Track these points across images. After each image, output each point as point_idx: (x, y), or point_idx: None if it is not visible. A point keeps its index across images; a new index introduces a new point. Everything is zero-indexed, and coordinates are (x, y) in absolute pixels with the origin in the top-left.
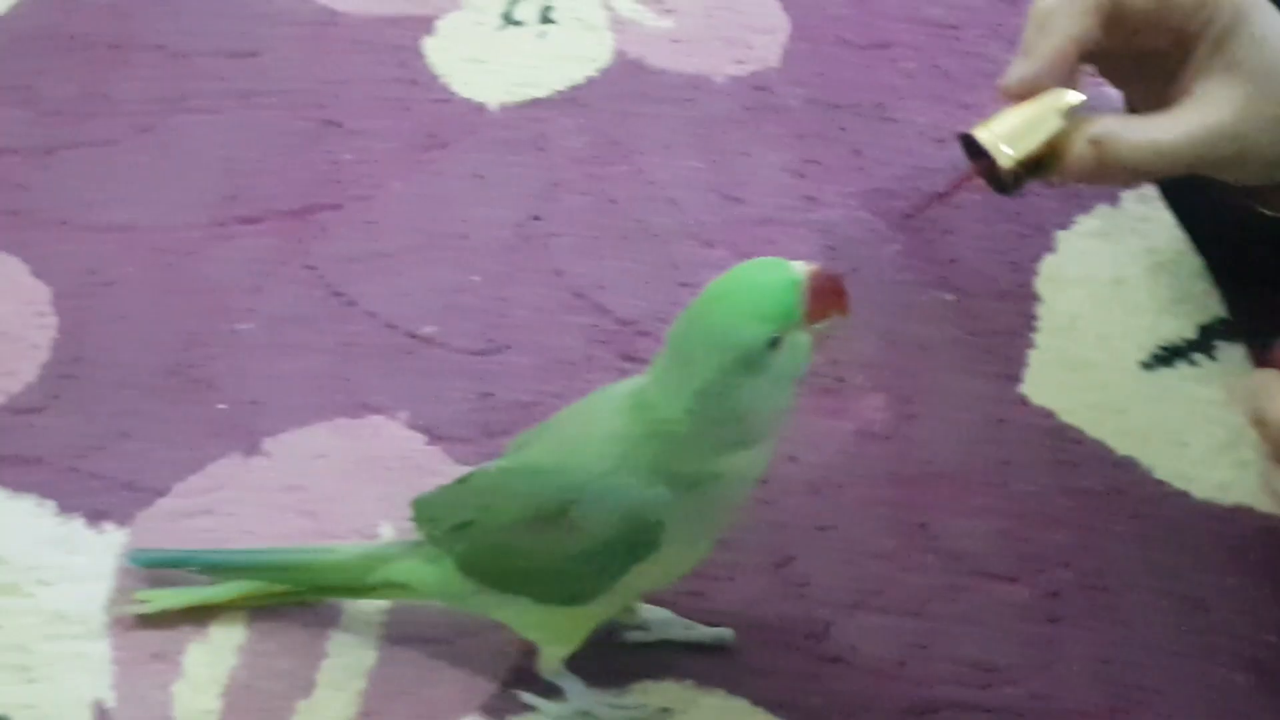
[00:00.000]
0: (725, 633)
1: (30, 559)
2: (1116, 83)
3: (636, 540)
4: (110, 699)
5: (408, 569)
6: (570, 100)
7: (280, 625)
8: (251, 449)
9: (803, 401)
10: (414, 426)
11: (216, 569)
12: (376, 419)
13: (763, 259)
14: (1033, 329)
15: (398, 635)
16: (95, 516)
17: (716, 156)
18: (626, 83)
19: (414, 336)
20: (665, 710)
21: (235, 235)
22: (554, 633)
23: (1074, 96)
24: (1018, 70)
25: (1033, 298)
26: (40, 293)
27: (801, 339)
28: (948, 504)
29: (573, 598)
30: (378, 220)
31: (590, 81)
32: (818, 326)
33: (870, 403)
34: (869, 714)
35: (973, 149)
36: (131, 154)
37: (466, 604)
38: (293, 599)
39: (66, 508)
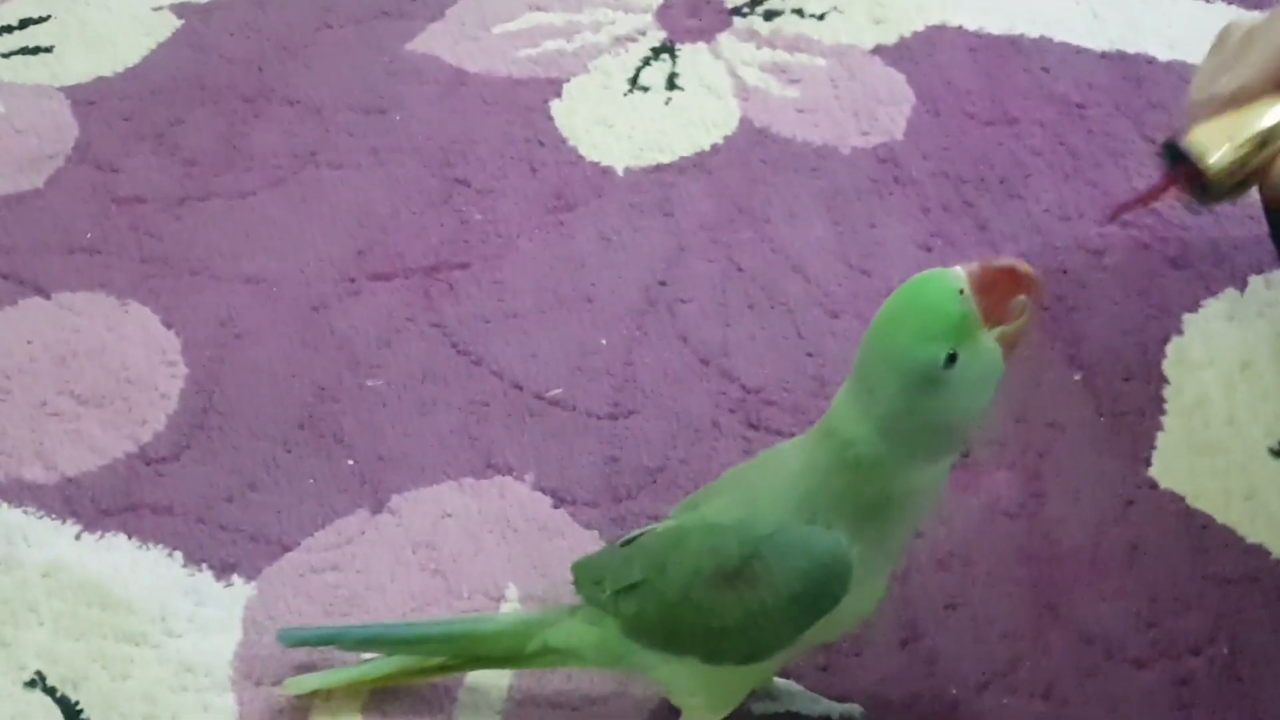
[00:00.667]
0: (853, 709)
1: (158, 609)
2: None
3: (825, 590)
4: None
5: (568, 633)
6: (697, 166)
7: (402, 695)
8: (378, 506)
9: None
10: (540, 489)
11: (369, 645)
12: (503, 480)
13: (927, 272)
14: (1161, 411)
15: (524, 699)
16: (223, 569)
17: (843, 226)
18: (753, 150)
19: (541, 398)
20: None
21: (365, 291)
22: (714, 694)
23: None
24: (1226, 81)
25: (1161, 379)
26: (170, 343)
27: (986, 344)
28: (1078, 585)
29: (751, 656)
30: (505, 280)
31: (716, 148)
32: (1004, 328)
33: (998, 479)
34: None
35: (1175, 160)
36: (264, 207)
37: (626, 665)
38: (438, 672)
39: (194, 558)
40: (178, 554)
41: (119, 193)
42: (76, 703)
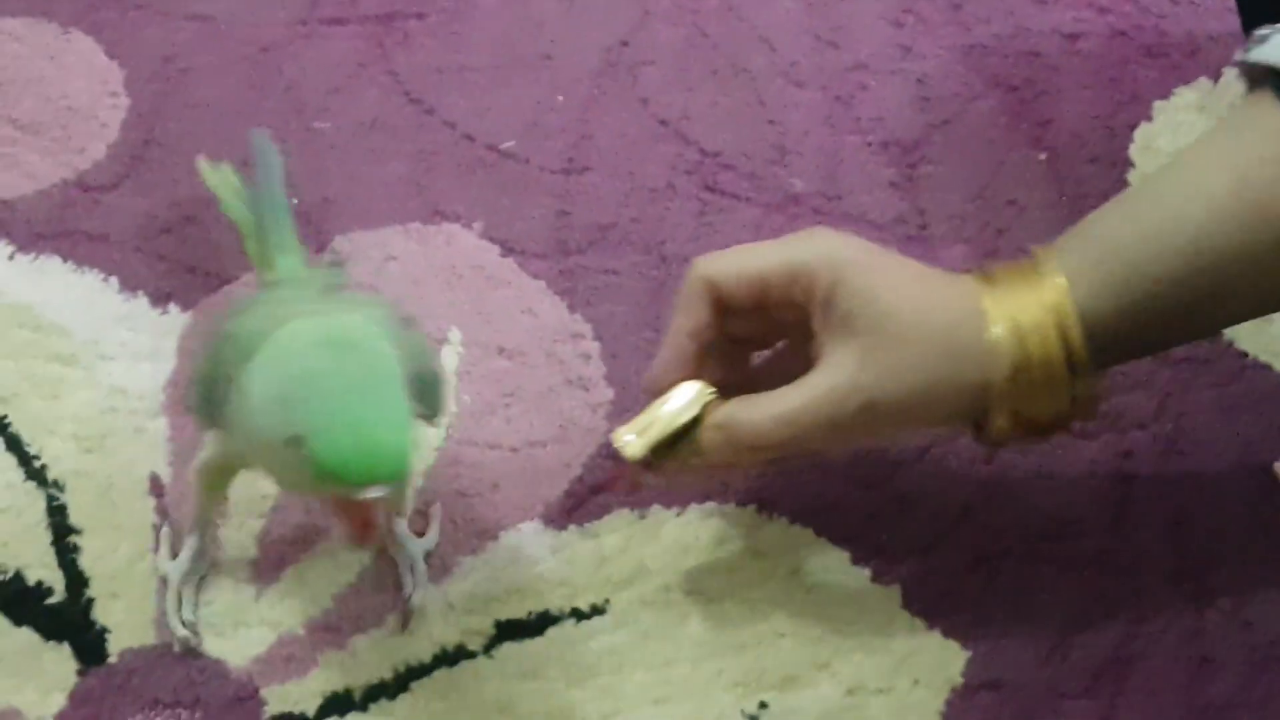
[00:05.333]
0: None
1: (91, 333)
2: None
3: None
4: (166, 474)
5: None
6: None
7: None
8: (322, 245)
9: (886, 246)
10: (488, 238)
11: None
12: (451, 227)
13: None
14: None
15: (463, 439)
16: (159, 298)
17: (813, 0)
18: None
19: (494, 149)
20: None
21: (316, 35)
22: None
23: (694, 388)
24: (650, 371)
25: (1126, 163)
26: (113, 74)
27: None
28: None
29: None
30: (462, 33)
31: None
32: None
33: (953, 253)
34: (932, 557)
35: None
36: None
37: None
38: None
39: (130, 286)
40: (113, 280)
41: None
42: (4, 416)
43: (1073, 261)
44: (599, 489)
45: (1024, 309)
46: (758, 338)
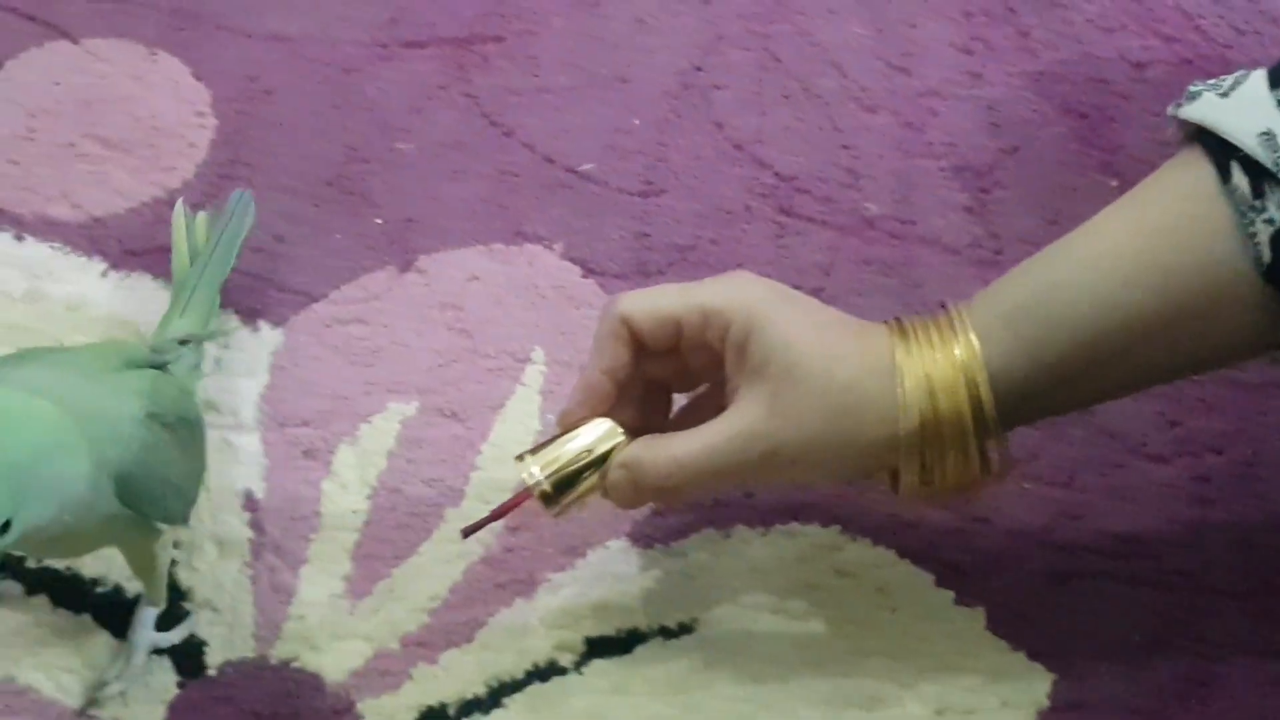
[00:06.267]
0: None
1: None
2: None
3: None
4: (260, 490)
5: None
6: None
7: (433, 433)
8: (406, 265)
9: (961, 270)
10: (569, 258)
11: None
12: (532, 248)
13: None
14: None
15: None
16: (250, 315)
17: (883, 25)
18: None
19: (572, 171)
20: None
21: (397, 57)
22: None
23: (604, 426)
24: (565, 405)
25: None
26: (200, 95)
27: None
28: None
29: None
30: (538, 56)
31: None
32: None
33: None
34: (1010, 574)
35: None
36: None
37: None
38: None
39: (221, 304)
40: None
41: None
42: None
43: (985, 319)
44: (498, 514)
45: (935, 365)
46: (676, 381)
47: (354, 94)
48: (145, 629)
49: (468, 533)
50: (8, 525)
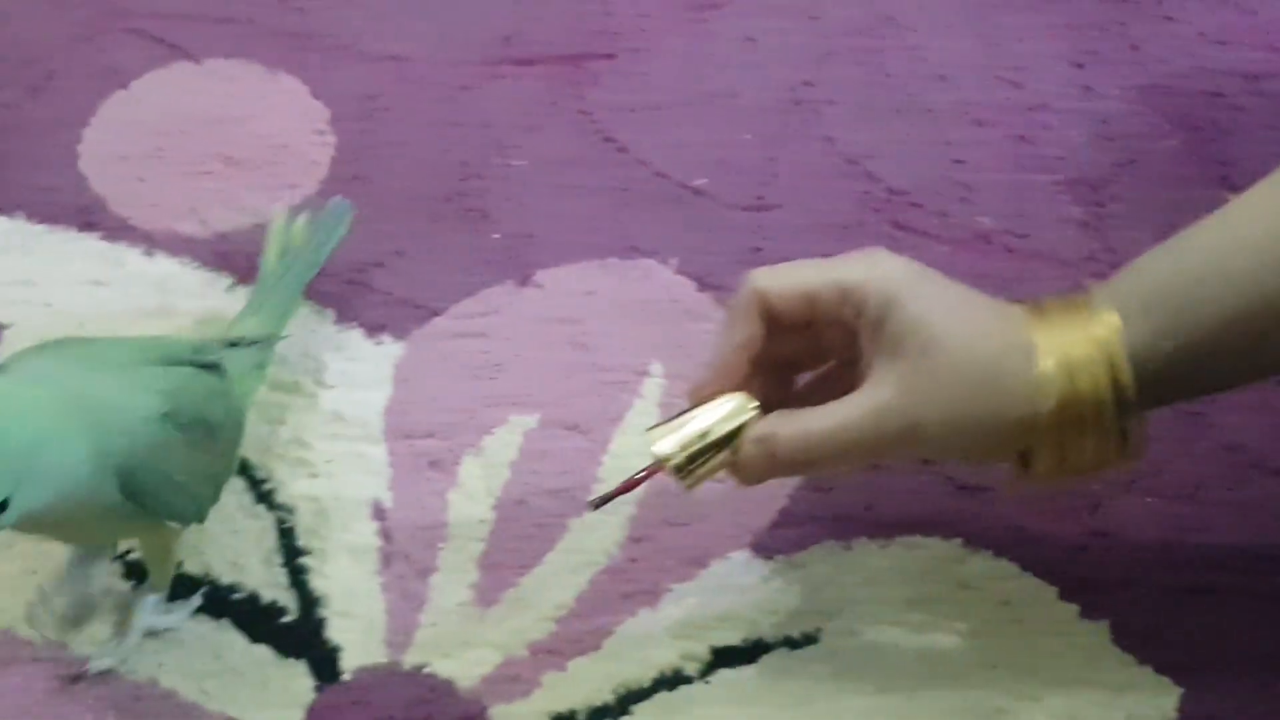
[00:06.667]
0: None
1: (311, 362)
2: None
3: None
4: (388, 499)
5: None
6: None
7: (555, 445)
8: (524, 279)
9: (1076, 284)
10: (684, 273)
11: None
12: (647, 262)
13: None
14: None
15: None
16: (373, 328)
17: (991, 40)
18: None
19: (685, 186)
20: None
21: (509, 75)
22: None
23: (736, 399)
24: (696, 377)
25: None
26: (319, 113)
27: None
28: (1224, 397)
29: None
30: (649, 73)
31: None
32: None
33: None
34: (1134, 588)
35: None
36: None
37: None
38: None
39: (345, 317)
40: (329, 311)
41: None
42: None
43: (1124, 299)
44: (628, 486)
45: (1074, 344)
46: (804, 359)
47: (469, 111)
48: (143, 612)
49: (598, 505)
50: (6, 504)
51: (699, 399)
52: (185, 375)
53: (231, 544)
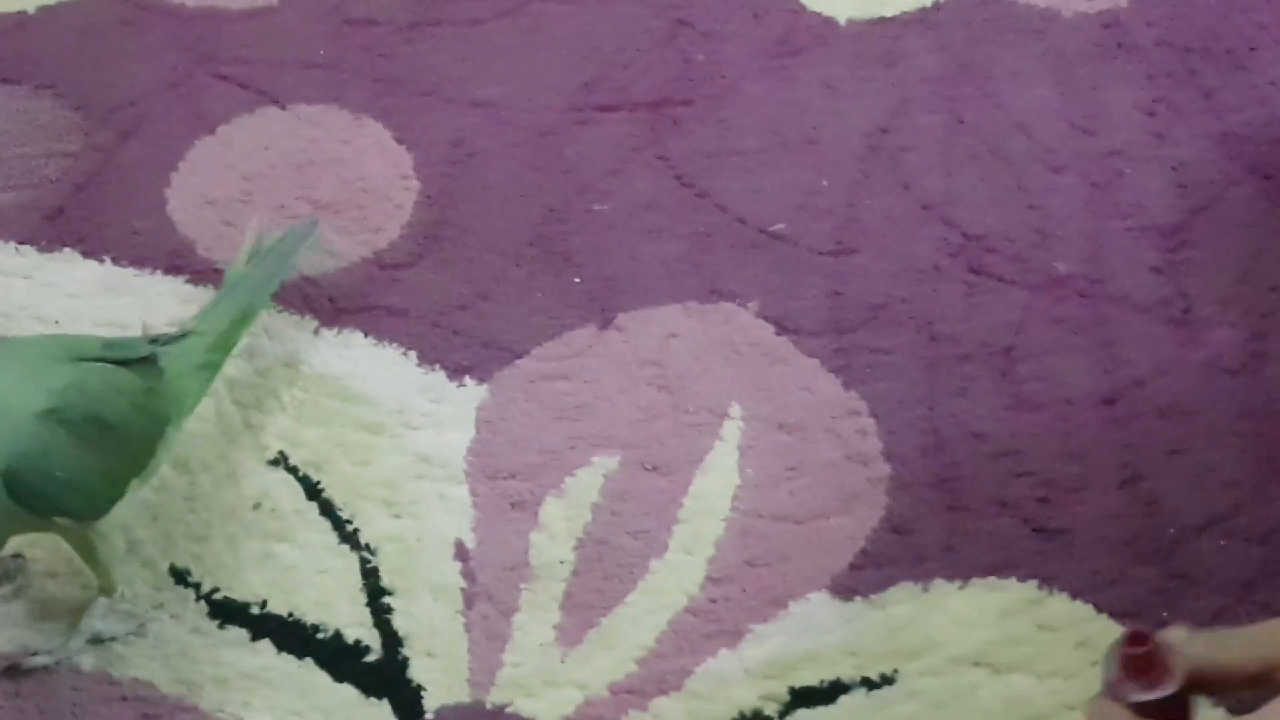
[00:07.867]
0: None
1: (395, 404)
2: None
3: None
4: (470, 540)
5: None
6: (920, 21)
7: (636, 487)
8: (606, 322)
9: (1152, 329)
10: (764, 316)
11: None
12: (728, 306)
13: None
14: None
15: (749, 510)
16: (457, 370)
17: (1066, 88)
18: (976, 9)
19: (764, 232)
20: None
21: (592, 121)
22: None
23: None
24: None
25: None
26: (403, 158)
27: None
28: None
29: None
30: (728, 119)
31: (939, 5)
32: None
33: (1218, 337)
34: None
35: None
36: (492, 36)
37: None
38: None
39: (429, 359)
40: (412, 354)
41: (351, 14)
42: (318, 482)
43: None
44: None
45: None
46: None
47: (552, 157)
48: (90, 618)
49: None
50: None
51: None
52: (81, 371)
53: (316, 583)
